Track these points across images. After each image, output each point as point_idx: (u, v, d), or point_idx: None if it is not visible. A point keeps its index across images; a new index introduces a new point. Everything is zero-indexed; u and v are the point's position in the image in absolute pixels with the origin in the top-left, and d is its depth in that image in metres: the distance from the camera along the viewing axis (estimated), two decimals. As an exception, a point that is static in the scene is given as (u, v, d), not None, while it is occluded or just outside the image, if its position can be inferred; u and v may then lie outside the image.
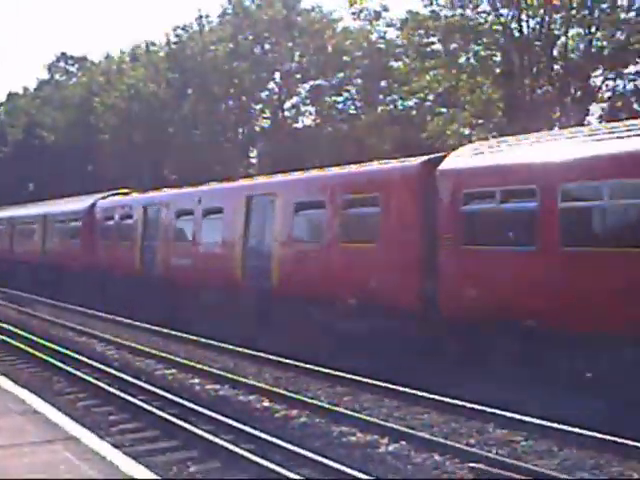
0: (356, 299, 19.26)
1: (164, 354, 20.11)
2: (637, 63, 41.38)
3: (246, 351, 20.13)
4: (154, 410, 13.93)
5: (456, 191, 17.09)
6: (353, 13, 55.85)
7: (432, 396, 14.56)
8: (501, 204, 16.21)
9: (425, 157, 18.95)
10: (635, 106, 42.32)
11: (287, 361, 18.58)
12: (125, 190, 37.62)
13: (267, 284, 22.38)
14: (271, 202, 22.91)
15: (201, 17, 62.48)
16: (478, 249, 16.56)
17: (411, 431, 12.53)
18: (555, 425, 12.38)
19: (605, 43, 40.40)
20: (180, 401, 14.64)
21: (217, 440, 11.94)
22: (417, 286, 17.87)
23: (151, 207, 30.69)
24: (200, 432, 12.40)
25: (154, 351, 20.57)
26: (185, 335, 23.08)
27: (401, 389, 15.25)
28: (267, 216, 23.11)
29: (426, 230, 17.72)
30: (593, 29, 39.78)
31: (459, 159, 17.81)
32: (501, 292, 15.91)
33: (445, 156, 18.31)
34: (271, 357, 19.16)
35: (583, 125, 40.47)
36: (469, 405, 13.78)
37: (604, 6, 39.67)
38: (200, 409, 13.94)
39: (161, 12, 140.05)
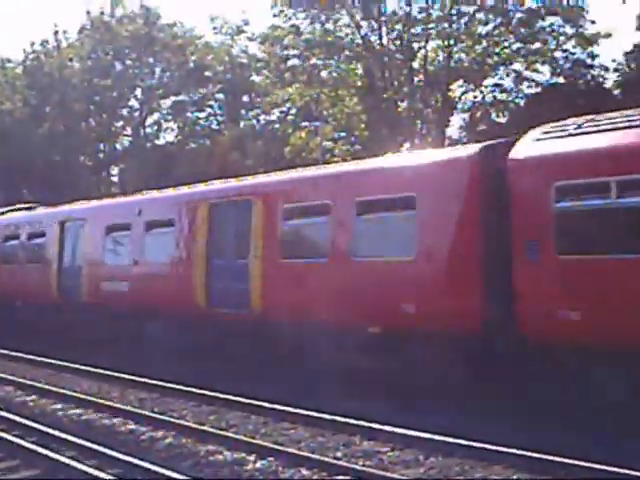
0: (381, 326, 15.82)
1: (23, 380, 19.47)
2: (495, 75, 42.82)
3: (109, 373, 19.69)
4: (13, 439, 13.44)
5: (544, 184, 13.43)
6: (214, 28, 56.03)
7: (299, 411, 14.51)
8: (619, 199, 12.60)
9: (482, 144, 15.41)
10: (493, 116, 43.77)
11: (152, 382, 18.26)
12: (27, 205, 33.41)
13: (244, 310, 18.95)
14: (246, 209, 19.31)
15: (57, 32, 61.34)
16: (584, 259, 12.99)
17: (278, 447, 12.44)
18: (421, 434, 12.50)
19: (464, 56, 41.57)
20: (41, 428, 14.18)
21: (81, 466, 11.60)
22: (479, 307, 14.30)
23: (70, 222, 26.60)
24: (63, 459, 12.03)
25: (12, 377, 19.89)
26: (46, 360, 22.37)
27: (268, 405, 15.14)
28: (241, 227, 19.53)
29: (490, 236, 14.29)
30: (452, 41, 40.86)
31: (542, 143, 13.96)
32: (626, 314, 12.40)
33: (514, 142, 14.58)
34: (135, 379, 18.80)
35: (444, 136, 41.66)
36: (335, 419, 13.79)
37: (463, 20, 40.83)
38: (62, 435, 13.54)
39: (18, 27, 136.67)
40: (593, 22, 40.76)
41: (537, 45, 41.62)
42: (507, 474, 10.78)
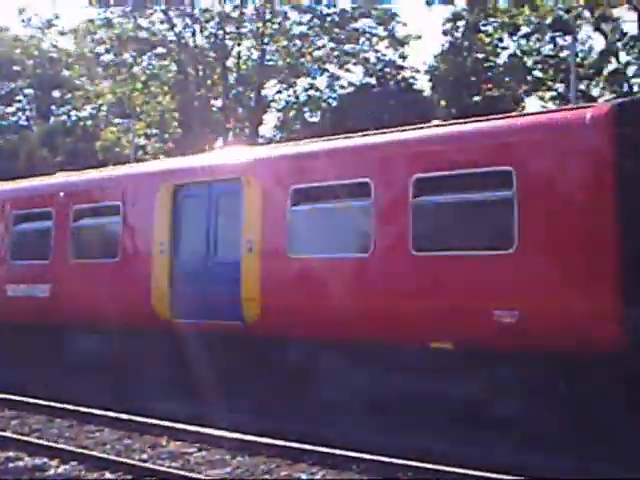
0: (455, 340, 12.19)
1: None
2: (308, 75, 43.41)
3: None
4: None
5: None
6: (23, 21, 54.34)
7: (104, 413, 14.19)
8: None
9: (612, 102, 11.89)
10: (307, 115, 44.36)
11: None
12: None
13: (235, 320, 14.72)
14: (233, 192, 15.26)
15: None
16: None
17: (82, 450, 12.09)
18: (227, 434, 12.43)
19: (277, 55, 41.99)
20: None
21: None
22: (618, 310, 10.70)
23: None
24: None
25: None
26: None
27: (72, 408, 14.72)
28: (224, 214, 15.59)
29: (632, 221, 10.86)
30: (266, 40, 41.16)
31: None
32: None
33: None
34: None
35: (257, 134, 41.91)
36: (141, 420, 13.55)
37: (277, 20, 41.22)
38: None
39: None
40: (404, 24, 42.22)
41: (350, 46, 42.47)
42: (312, 470, 10.87)
